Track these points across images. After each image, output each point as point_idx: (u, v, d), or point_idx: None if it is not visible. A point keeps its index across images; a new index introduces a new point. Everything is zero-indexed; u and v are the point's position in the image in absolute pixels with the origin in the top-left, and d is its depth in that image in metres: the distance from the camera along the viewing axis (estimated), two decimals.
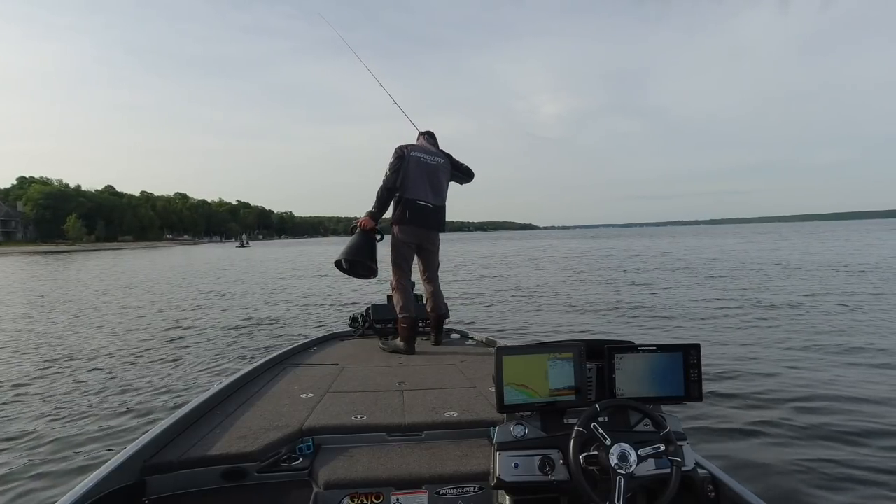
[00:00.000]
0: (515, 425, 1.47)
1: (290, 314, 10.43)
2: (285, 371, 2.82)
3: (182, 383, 5.32)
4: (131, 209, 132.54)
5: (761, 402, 4.28)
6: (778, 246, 31.95)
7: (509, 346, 1.55)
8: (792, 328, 7.38)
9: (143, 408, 4.50)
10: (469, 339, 3.80)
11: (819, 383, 4.68)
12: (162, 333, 8.45)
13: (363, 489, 1.60)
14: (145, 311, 11.49)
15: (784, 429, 3.70)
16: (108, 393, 5.00)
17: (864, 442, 3.43)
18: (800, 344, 6.31)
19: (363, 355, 3.27)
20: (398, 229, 3.52)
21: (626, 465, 1.29)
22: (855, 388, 4.51)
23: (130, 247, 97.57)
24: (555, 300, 11.43)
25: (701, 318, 8.52)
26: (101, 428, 4.03)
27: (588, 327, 8.25)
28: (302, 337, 5.83)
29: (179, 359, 6.50)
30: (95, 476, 1.43)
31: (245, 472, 1.65)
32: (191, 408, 2.01)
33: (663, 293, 11.78)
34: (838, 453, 3.29)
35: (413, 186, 3.44)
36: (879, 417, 3.82)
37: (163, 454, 1.67)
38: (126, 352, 7.00)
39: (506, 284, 15.13)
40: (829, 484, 2.94)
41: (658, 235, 77.72)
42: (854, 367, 5.23)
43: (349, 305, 11.02)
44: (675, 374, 1.51)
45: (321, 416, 1.99)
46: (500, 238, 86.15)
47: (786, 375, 4.97)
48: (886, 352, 5.81)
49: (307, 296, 13.78)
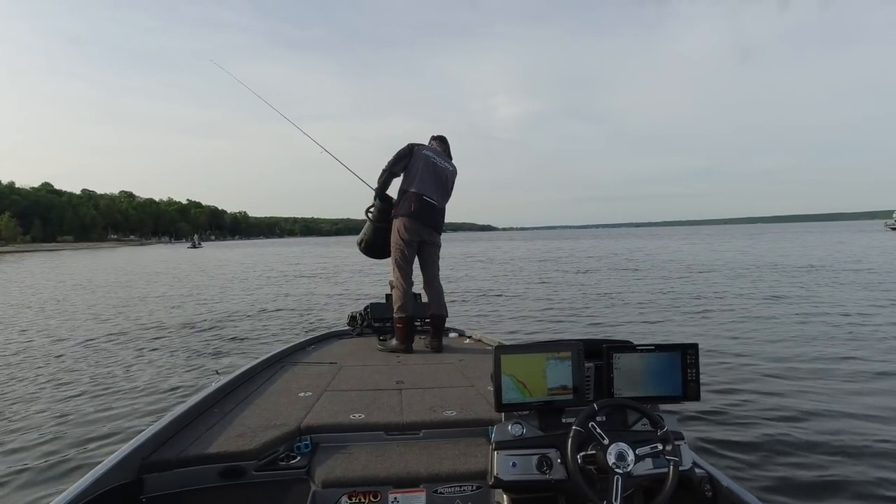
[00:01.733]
0: (513, 424, 1.47)
1: (285, 314, 10.37)
2: (283, 369, 2.81)
3: (181, 381, 5.32)
4: (71, 208, 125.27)
5: (759, 401, 4.33)
6: (728, 247, 33.57)
7: (508, 345, 1.55)
8: (786, 327, 7.60)
9: (141, 406, 4.47)
10: (467, 339, 3.81)
11: (817, 383, 4.77)
12: (161, 332, 8.39)
13: (361, 488, 1.59)
14: (142, 306, 11.15)
15: (782, 428, 3.74)
16: (106, 392, 4.96)
17: (864, 440, 3.49)
18: (797, 343, 6.50)
19: (361, 354, 3.27)
20: (402, 223, 3.39)
21: (624, 465, 1.30)
22: (853, 386, 4.65)
23: (70, 248, 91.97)
24: (517, 302, 11.60)
25: (696, 317, 8.79)
26: (98, 426, 4.01)
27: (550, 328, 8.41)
28: (303, 334, 5.87)
29: (178, 358, 6.49)
30: (93, 474, 1.42)
31: (243, 471, 1.64)
32: (189, 406, 2.00)
33: (655, 294, 12.06)
34: (838, 452, 3.34)
35: (420, 182, 3.38)
36: (878, 416, 3.90)
37: (160, 452, 1.65)
38: (125, 352, 6.96)
39: (472, 286, 15.20)
40: (827, 483, 2.99)
41: (615, 237, 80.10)
42: (850, 369, 5.33)
43: (347, 305, 10.89)
44: (673, 373, 1.54)
45: (319, 414, 1.98)
46: (462, 240, 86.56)
47: (783, 375, 5.06)
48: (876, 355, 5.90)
49: (308, 294, 13.76)
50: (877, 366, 5.31)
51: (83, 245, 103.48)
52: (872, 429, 3.68)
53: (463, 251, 39.51)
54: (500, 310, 10.40)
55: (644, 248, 36.37)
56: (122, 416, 4.29)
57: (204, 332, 8.40)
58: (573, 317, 9.23)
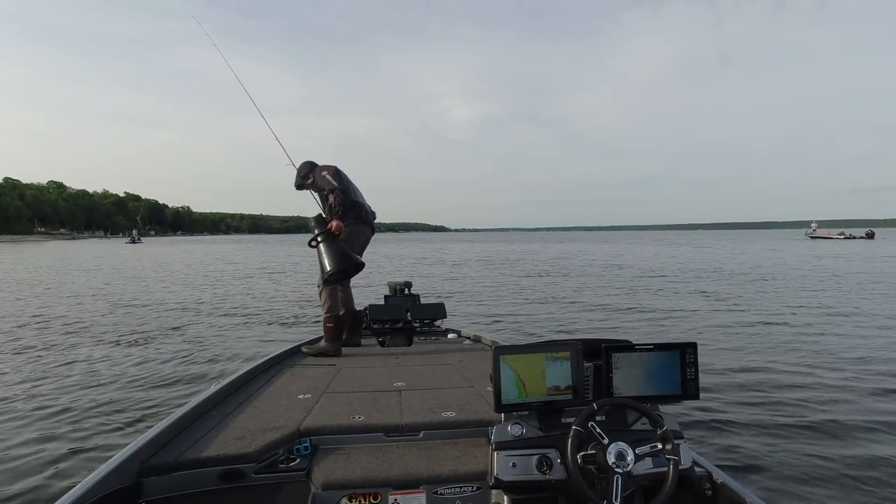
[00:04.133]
0: (513, 425, 1.47)
1: (282, 314, 10.14)
2: (282, 372, 2.81)
3: (180, 384, 5.27)
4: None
5: (758, 399, 4.44)
6: (674, 252, 35.29)
7: (507, 345, 1.55)
8: (781, 326, 8.03)
9: (140, 409, 4.44)
10: (466, 339, 3.82)
11: (814, 380, 4.95)
12: (159, 332, 8.25)
13: (361, 489, 1.59)
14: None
15: (781, 426, 3.82)
16: (105, 394, 4.90)
17: (862, 439, 3.59)
18: (794, 342, 6.80)
19: (361, 356, 3.28)
20: (356, 230, 3.59)
21: (624, 464, 1.32)
22: (851, 383, 4.85)
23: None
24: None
25: (695, 317, 9.17)
26: (97, 430, 3.98)
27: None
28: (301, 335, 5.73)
29: (177, 358, 6.38)
30: (91, 478, 1.41)
31: (243, 473, 1.63)
32: (188, 409, 1.99)
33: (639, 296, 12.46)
34: (837, 450, 3.41)
35: (355, 193, 3.68)
36: (876, 414, 4.06)
37: (160, 456, 1.64)
38: (124, 350, 6.85)
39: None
40: (826, 481, 3.04)
41: (566, 240, 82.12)
42: (851, 367, 5.59)
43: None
44: (672, 372, 1.56)
45: (319, 416, 1.98)
46: (413, 240, 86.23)
47: (783, 374, 5.24)
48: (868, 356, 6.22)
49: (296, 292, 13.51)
50: (878, 365, 5.60)
51: (5, 238, 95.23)
52: (872, 429, 3.76)
53: (414, 253, 38.90)
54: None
55: (615, 252, 37.34)
56: (121, 418, 4.25)
57: (198, 334, 8.19)
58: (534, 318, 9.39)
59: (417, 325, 3.82)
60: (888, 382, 4.97)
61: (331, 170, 3.60)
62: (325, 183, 3.54)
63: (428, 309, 3.95)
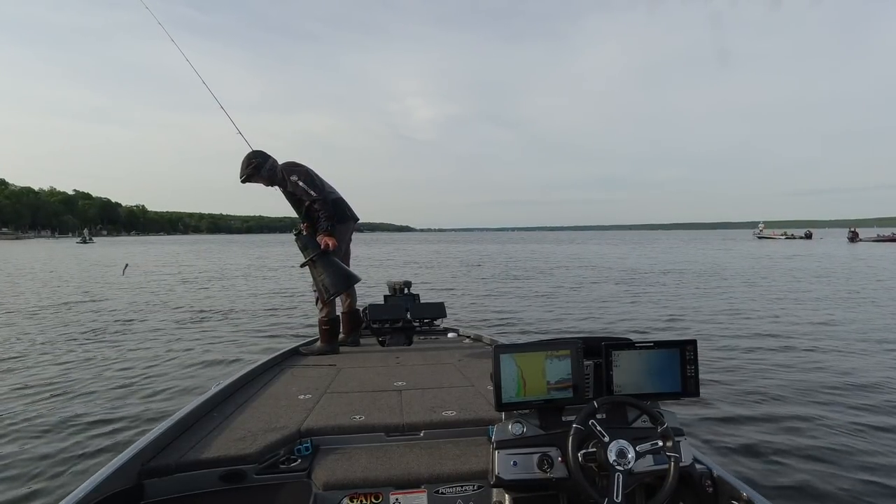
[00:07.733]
0: (514, 423, 1.47)
1: (281, 314, 10.07)
2: (283, 372, 2.81)
3: (180, 385, 5.20)
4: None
5: (759, 396, 4.44)
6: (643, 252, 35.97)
7: (507, 344, 1.56)
8: (775, 325, 8.10)
9: (140, 411, 4.39)
10: (466, 338, 3.81)
11: (816, 377, 4.98)
12: (159, 332, 8.15)
13: (362, 489, 1.59)
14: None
15: (782, 423, 3.81)
16: (104, 395, 4.85)
17: (861, 437, 3.58)
18: (792, 342, 6.82)
19: (361, 355, 3.28)
20: (343, 228, 3.53)
21: (625, 462, 1.33)
22: (851, 379, 4.89)
23: None
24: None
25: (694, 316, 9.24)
26: (97, 431, 3.95)
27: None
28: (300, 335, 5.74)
29: (176, 360, 6.30)
30: (92, 480, 1.40)
31: (244, 474, 1.64)
32: (188, 410, 1.99)
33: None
34: (836, 448, 3.41)
35: (332, 191, 3.57)
36: (876, 409, 4.10)
37: (160, 457, 1.64)
38: (123, 351, 6.75)
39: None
40: (826, 478, 3.03)
41: (532, 241, 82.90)
42: (849, 359, 5.68)
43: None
44: (672, 370, 1.58)
45: (319, 416, 1.98)
46: (380, 241, 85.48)
47: (782, 372, 5.26)
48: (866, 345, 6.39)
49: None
50: (877, 366, 5.65)
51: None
52: (872, 427, 3.79)
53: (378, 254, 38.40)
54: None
55: (579, 253, 36.95)
56: (121, 420, 4.20)
57: (201, 331, 8.17)
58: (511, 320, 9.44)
59: (417, 325, 3.82)
60: (889, 383, 4.97)
61: (301, 174, 3.35)
62: (299, 191, 3.34)
63: (427, 308, 3.96)
